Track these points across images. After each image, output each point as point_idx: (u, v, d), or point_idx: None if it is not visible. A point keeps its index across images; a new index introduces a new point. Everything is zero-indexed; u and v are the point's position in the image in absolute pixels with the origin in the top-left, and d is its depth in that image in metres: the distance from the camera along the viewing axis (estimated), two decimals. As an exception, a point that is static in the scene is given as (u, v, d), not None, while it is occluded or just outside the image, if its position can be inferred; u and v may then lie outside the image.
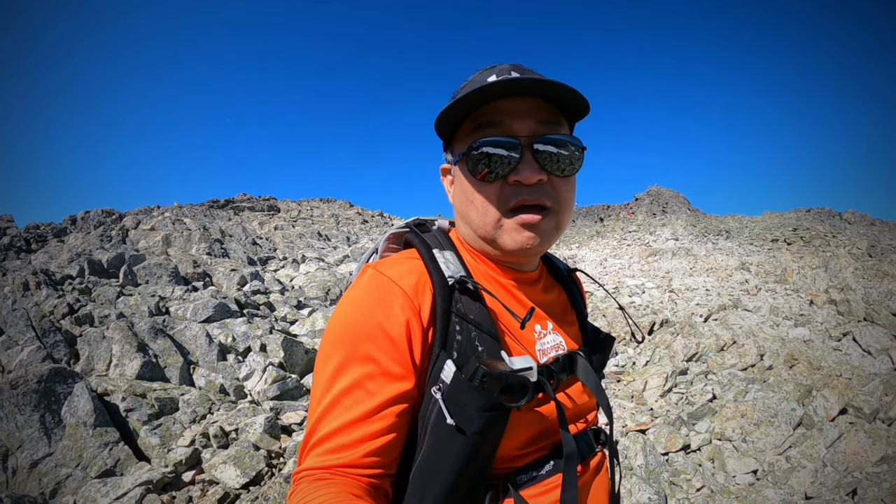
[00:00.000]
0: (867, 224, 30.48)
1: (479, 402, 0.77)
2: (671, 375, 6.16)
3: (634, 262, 18.84)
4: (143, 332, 6.36)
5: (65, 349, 6.04)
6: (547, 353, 0.97)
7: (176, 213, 17.83)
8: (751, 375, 5.68)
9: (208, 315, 7.61)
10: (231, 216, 21.42)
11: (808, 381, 5.06)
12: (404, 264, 0.91)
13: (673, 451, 4.34)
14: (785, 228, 22.60)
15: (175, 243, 12.87)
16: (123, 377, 5.62)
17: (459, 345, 0.84)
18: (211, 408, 5.41)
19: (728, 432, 4.41)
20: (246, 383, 6.35)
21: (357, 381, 0.79)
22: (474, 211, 0.92)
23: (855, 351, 6.19)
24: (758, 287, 11.66)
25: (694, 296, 11.78)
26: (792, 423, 4.23)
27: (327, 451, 0.77)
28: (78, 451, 4.37)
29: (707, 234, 23.67)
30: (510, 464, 0.88)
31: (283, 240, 18.02)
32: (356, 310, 0.85)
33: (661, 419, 5.05)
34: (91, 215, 16.75)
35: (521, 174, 0.87)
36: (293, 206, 29.44)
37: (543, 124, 0.89)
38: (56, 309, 6.84)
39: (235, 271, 10.84)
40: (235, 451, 4.48)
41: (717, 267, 15.26)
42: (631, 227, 30.18)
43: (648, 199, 45.14)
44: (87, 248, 12.07)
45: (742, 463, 3.95)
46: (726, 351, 6.80)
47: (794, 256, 15.00)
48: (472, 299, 0.88)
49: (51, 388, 4.62)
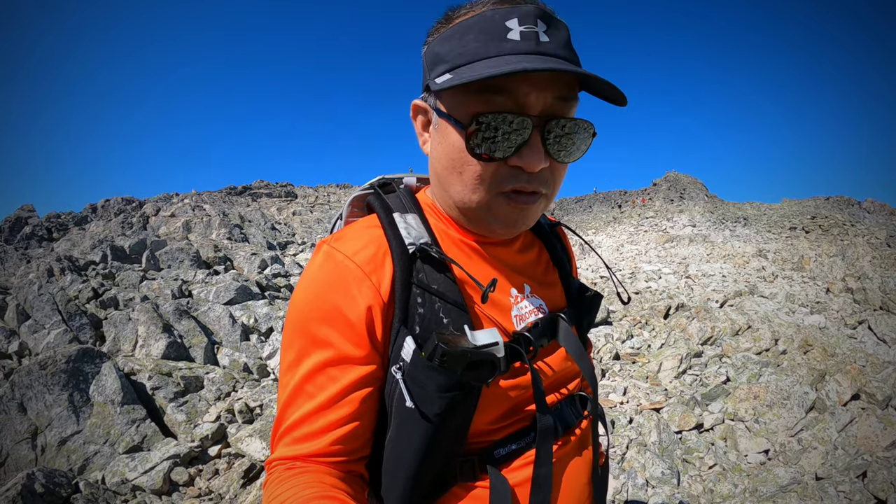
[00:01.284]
0: (887, 214, 29.92)
1: (439, 382, 0.71)
2: (686, 358, 6.21)
3: (651, 248, 18.75)
4: (168, 313, 6.56)
5: (91, 331, 6.25)
6: (525, 319, 0.90)
7: (195, 199, 18.11)
8: (765, 359, 5.72)
9: (230, 297, 7.80)
10: (249, 202, 21.69)
11: (822, 367, 5.09)
12: (361, 236, 0.83)
13: (686, 429, 4.42)
14: (803, 216, 22.30)
15: (195, 229, 13.11)
16: (149, 357, 5.82)
17: (422, 318, 0.78)
18: (235, 385, 5.60)
19: (741, 413, 4.47)
20: (269, 362, 6.54)
21: (318, 367, 0.76)
22: (460, 183, 0.81)
23: (870, 339, 6.17)
24: (774, 274, 11.59)
25: (710, 282, 11.75)
26: (804, 406, 4.28)
27: (296, 440, 0.75)
28: (106, 429, 4.54)
29: (725, 221, 23.44)
30: (487, 437, 0.84)
31: (302, 225, 18.24)
32: (311, 293, 0.79)
33: (675, 399, 5.12)
34: (111, 203, 17.08)
35: (525, 160, 0.76)
36: (310, 192, 29.66)
37: (560, 100, 0.77)
38: (81, 293, 7.06)
39: (256, 255, 11.05)
40: (261, 425, 4.64)
41: (734, 254, 15.16)
42: (648, 214, 29.96)
43: (666, 185, 44.66)
44: (108, 234, 12.35)
45: (754, 443, 4.02)
46: (741, 335, 6.82)
47: (811, 244, 14.84)
48: (435, 268, 0.81)
49: (79, 368, 4.79)
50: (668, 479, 3.59)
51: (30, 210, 14.98)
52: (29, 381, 4.57)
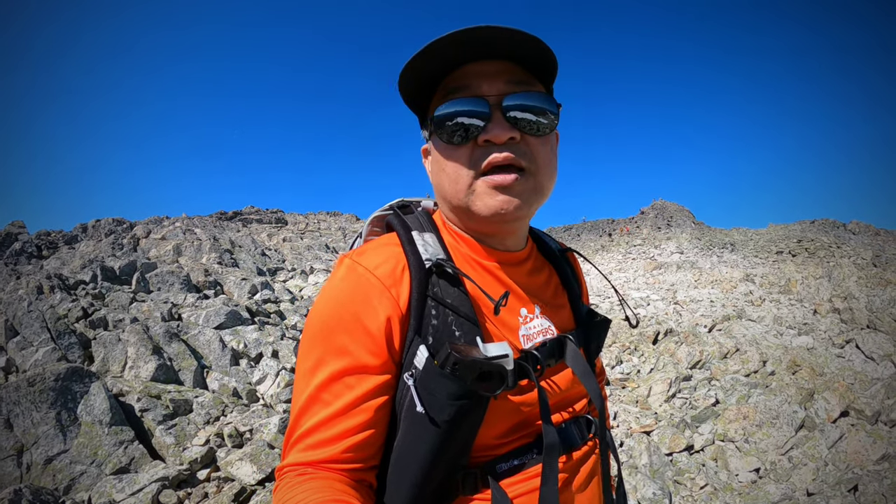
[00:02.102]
0: (872, 234, 30.44)
1: (449, 389, 0.74)
2: (675, 381, 6.26)
3: (640, 276, 18.89)
4: (158, 335, 6.51)
5: (79, 351, 6.17)
6: (533, 339, 0.92)
7: (186, 223, 18.06)
8: (753, 381, 5.78)
9: (220, 322, 7.75)
10: (240, 228, 21.64)
11: (811, 386, 5.16)
12: (381, 251, 0.88)
13: (677, 451, 4.44)
14: (789, 240, 22.62)
15: (186, 252, 13.06)
16: (138, 379, 5.75)
17: (435, 329, 0.81)
18: (224, 410, 5.54)
19: (731, 433, 4.51)
20: (259, 387, 6.48)
21: (335, 375, 0.78)
22: (446, 179, 0.88)
23: (857, 357, 6.27)
24: (762, 298, 11.73)
25: (698, 307, 11.85)
26: (794, 424, 4.33)
27: (309, 447, 0.76)
28: (93, 449, 4.47)
29: (712, 248, 23.71)
30: (490, 452, 0.85)
31: (292, 251, 18.19)
32: (333, 303, 0.83)
33: (665, 422, 5.14)
34: (102, 224, 16.96)
35: (491, 132, 0.82)
36: (300, 218, 29.66)
37: (514, 83, 0.85)
38: (70, 312, 6.99)
39: (246, 280, 11.00)
40: (251, 450, 4.59)
41: (721, 279, 15.32)
42: (636, 241, 30.22)
43: (653, 213, 45.19)
44: (98, 254, 12.25)
45: (745, 462, 4.04)
46: (729, 358, 6.89)
47: (798, 267, 15.04)
48: (450, 283, 0.85)
49: (67, 387, 4.74)
50: (659, 500, 3.60)
51: (20, 226, 14.82)
52: (16, 398, 4.51)
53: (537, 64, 0.86)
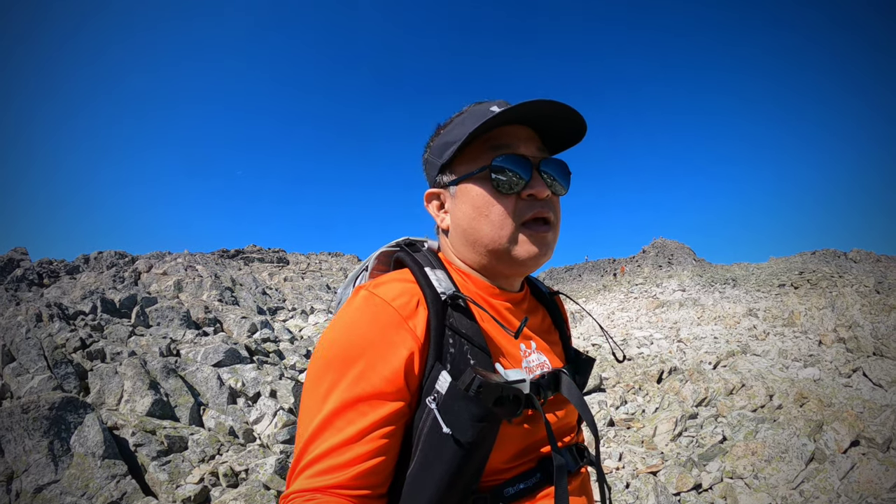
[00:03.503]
0: (873, 261, 30.36)
1: (473, 411, 0.77)
2: (681, 420, 6.13)
3: (642, 315, 18.80)
4: (156, 370, 6.43)
5: (75, 381, 6.11)
6: (532, 371, 0.98)
7: (188, 259, 18.10)
8: (760, 415, 5.65)
9: (219, 360, 7.68)
10: (241, 266, 21.69)
11: (819, 417, 5.04)
12: (397, 285, 0.92)
13: (685, 490, 4.31)
14: (791, 273, 22.57)
15: (187, 289, 13.05)
16: (134, 413, 5.66)
17: (453, 357, 0.85)
18: (220, 448, 5.42)
19: (739, 470, 4.38)
20: (255, 427, 6.36)
21: (349, 402, 0.79)
22: (488, 225, 0.96)
23: (865, 385, 6.16)
24: (766, 332, 11.62)
25: (702, 344, 11.74)
26: (804, 457, 4.21)
27: (318, 473, 0.76)
28: (84, 481, 4.37)
29: (714, 284, 23.64)
30: (498, 476, 0.88)
31: (293, 291, 18.18)
32: (350, 330, 0.85)
33: (672, 461, 5.01)
34: (104, 256, 17.03)
35: (535, 188, 0.95)
36: (302, 258, 29.77)
37: (539, 150, 1.00)
38: (68, 342, 6.94)
39: (246, 318, 10.95)
40: (246, 490, 4.48)
41: (724, 315, 15.22)
42: (637, 280, 30.19)
43: (654, 252, 45.27)
44: (99, 286, 12.26)
45: (755, 498, 3.91)
46: (735, 394, 6.77)
47: (801, 299, 14.96)
48: (463, 315, 0.90)
49: (62, 417, 4.67)
50: (669, 538, 3.47)
51: (23, 252, 14.86)
52: (9, 424, 4.44)
53: (554, 135, 1.02)
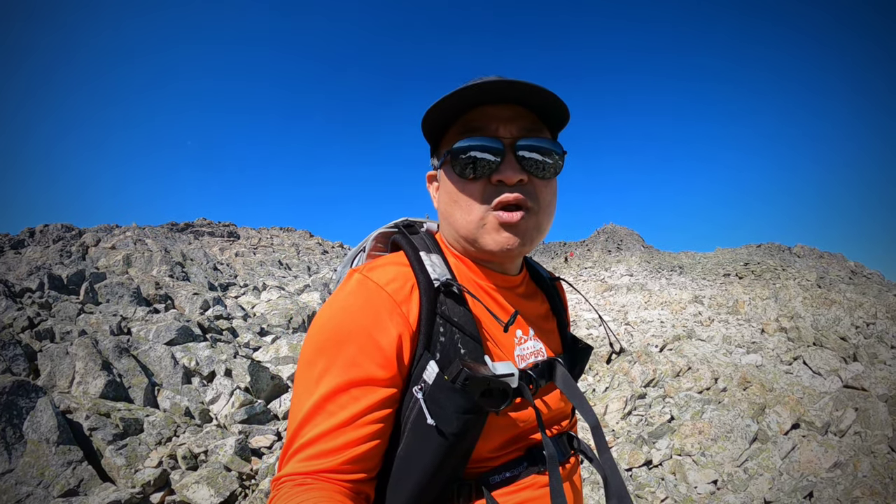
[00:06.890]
0: (816, 257, 32.24)
1: (458, 403, 0.77)
2: (630, 399, 6.42)
3: (591, 297, 19.34)
4: (108, 350, 6.21)
5: (24, 363, 5.82)
6: (526, 359, 0.98)
7: (136, 233, 17.36)
8: (706, 397, 6.00)
9: (171, 338, 7.47)
10: (191, 240, 20.95)
11: (762, 401, 5.41)
12: (391, 269, 0.91)
13: (636, 466, 4.55)
14: (737, 263, 23.69)
15: (136, 264, 12.54)
16: (87, 395, 5.46)
17: (443, 346, 0.85)
18: (177, 430, 5.31)
19: (687, 448, 4.66)
20: (212, 407, 6.25)
21: (342, 386, 0.79)
22: (458, 210, 0.94)
23: (805, 373, 6.63)
24: (711, 318, 12.22)
25: (649, 328, 12.24)
26: (748, 437, 4.53)
27: (309, 457, 0.76)
28: (40, 469, 4.20)
29: (661, 270, 24.55)
30: (484, 464, 0.89)
31: (244, 266, 17.73)
32: (343, 314, 0.84)
33: (623, 438, 5.26)
34: (50, 229, 16.18)
35: (503, 174, 0.89)
36: (253, 233, 29.00)
37: (526, 130, 0.93)
38: (16, 322, 6.60)
39: (198, 295, 10.65)
40: (207, 472, 4.41)
41: (671, 301, 15.87)
42: (587, 264, 30.95)
43: (603, 237, 46.57)
44: (46, 261, 11.66)
45: (702, 475, 4.19)
46: (682, 376, 7.14)
47: (745, 289, 15.75)
48: (456, 302, 0.89)
49: (13, 402, 4.43)
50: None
51: None
52: None
53: (548, 113, 0.95)
